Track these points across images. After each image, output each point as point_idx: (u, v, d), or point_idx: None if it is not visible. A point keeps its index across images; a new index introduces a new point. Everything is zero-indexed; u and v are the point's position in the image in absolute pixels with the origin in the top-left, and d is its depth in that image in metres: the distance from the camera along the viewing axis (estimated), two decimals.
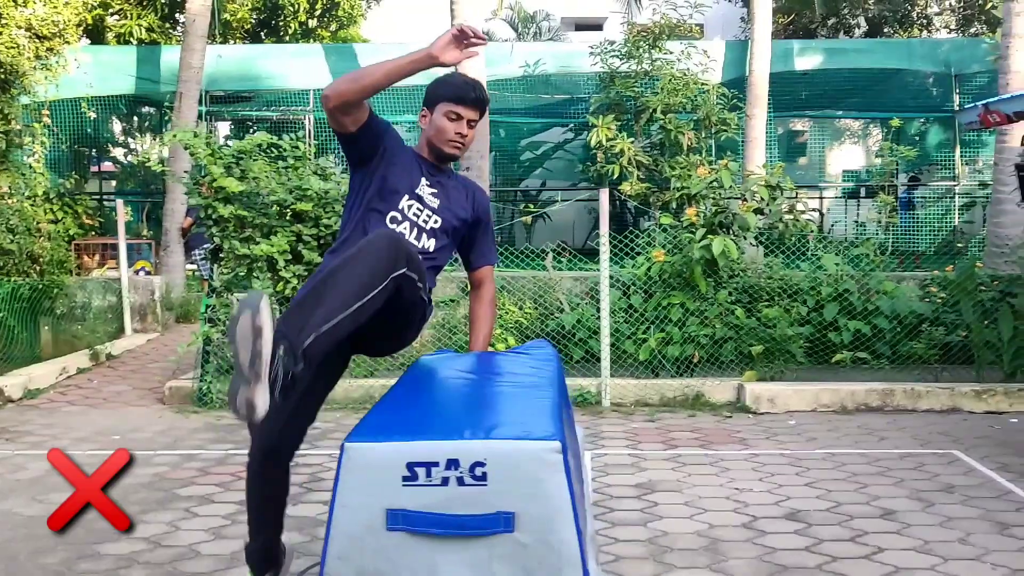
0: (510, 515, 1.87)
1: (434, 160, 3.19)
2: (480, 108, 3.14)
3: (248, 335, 2.24)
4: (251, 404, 2.25)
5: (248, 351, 2.24)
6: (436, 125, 3.11)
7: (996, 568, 4.10)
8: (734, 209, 7.45)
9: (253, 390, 2.26)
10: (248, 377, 2.25)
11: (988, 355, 7.88)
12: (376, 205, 3.04)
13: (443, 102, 3.10)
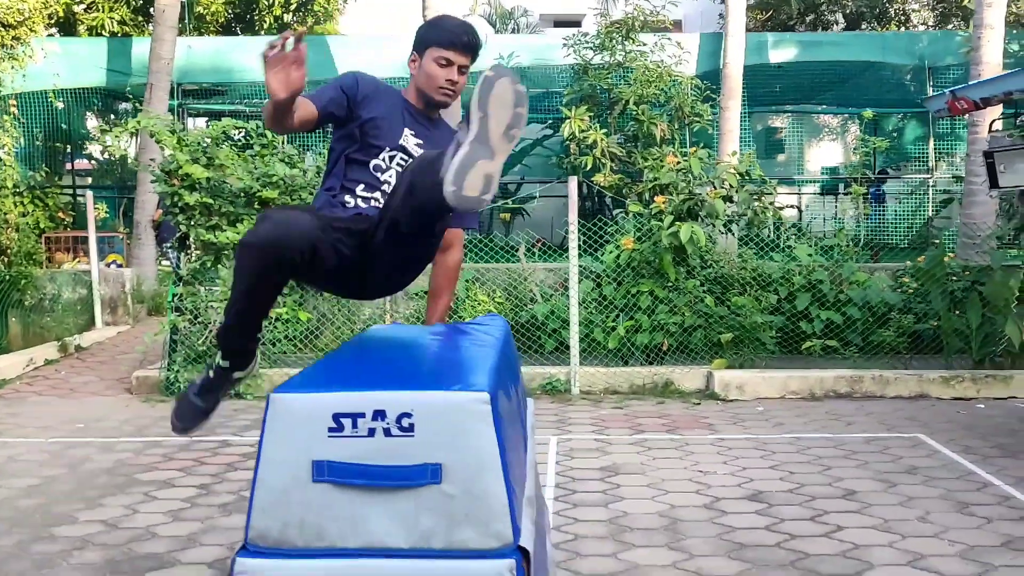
0: (437, 466, 1.84)
1: (423, 107, 2.97)
2: (472, 53, 2.93)
3: (509, 99, 2.09)
4: (490, 180, 2.11)
5: (507, 116, 2.10)
6: (426, 71, 2.91)
7: (954, 544, 4.11)
8: (703, 196, 7.44)
9: (495, 164, 2.12)
10: (495, 148, 2.11)
11: (957, 343, 7.92)
12: (357, 155, 2.87)
13: (433, 47, 2.90)
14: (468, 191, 2.13)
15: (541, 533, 2.75)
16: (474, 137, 2.14)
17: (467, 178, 2.12)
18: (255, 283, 2.36)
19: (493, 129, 2.14)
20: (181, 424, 2.74)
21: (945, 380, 7.34)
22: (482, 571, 1.86)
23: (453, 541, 1.86)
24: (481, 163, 2.13)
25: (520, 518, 1.95)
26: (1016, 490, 4.87)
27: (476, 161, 2.13)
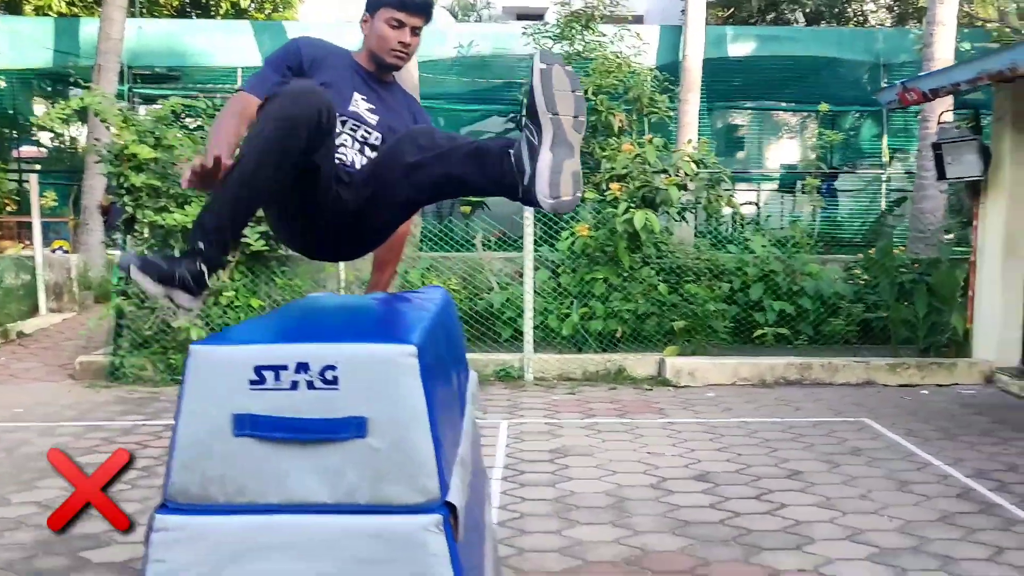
0: (362, 420, 1.81)
1: (375, 70, 2.83)
2: (425, 15, 2.81)
3: (567, 86, 2.05)
4: (578, 177, 2.05)
5: (572, 105, 2.06)
6: (377, 33, 2.77)
7: (892, 520, 4.16)
8: (658, 184, 7.46)
9: (577, 159, 2.08)
10: (572, 143, 2.08)
11: (904, 332, 8.04)
12: None
13: (384, 7, 2.77)
14: (564, 196, 2.13)
15: (479, 500, 2.73)
16: (552, 140, 2.12)
17: (561, 184, 2.11)
18: (267, 156, 2.20)
19: (567, 126, 2.11)
20: (129, 262, 2.21)
21: (891, 368, 7.44)
22: (407, 526, 1.83)
23: (378, 496, 1.83)
24: (567, 163, 2.12)
25: (449, 475, 1.92)
26: (954, 469, 4.95)
27: (562, 163, 2.12)
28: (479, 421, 6.01)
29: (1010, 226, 7.30)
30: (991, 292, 7.48)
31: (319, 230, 2.57)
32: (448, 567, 1.84)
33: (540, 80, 2.11)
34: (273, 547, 1.82)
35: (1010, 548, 3.81)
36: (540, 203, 2.15)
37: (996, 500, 4.45)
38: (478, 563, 2.30)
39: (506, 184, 2.25)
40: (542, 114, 2.11)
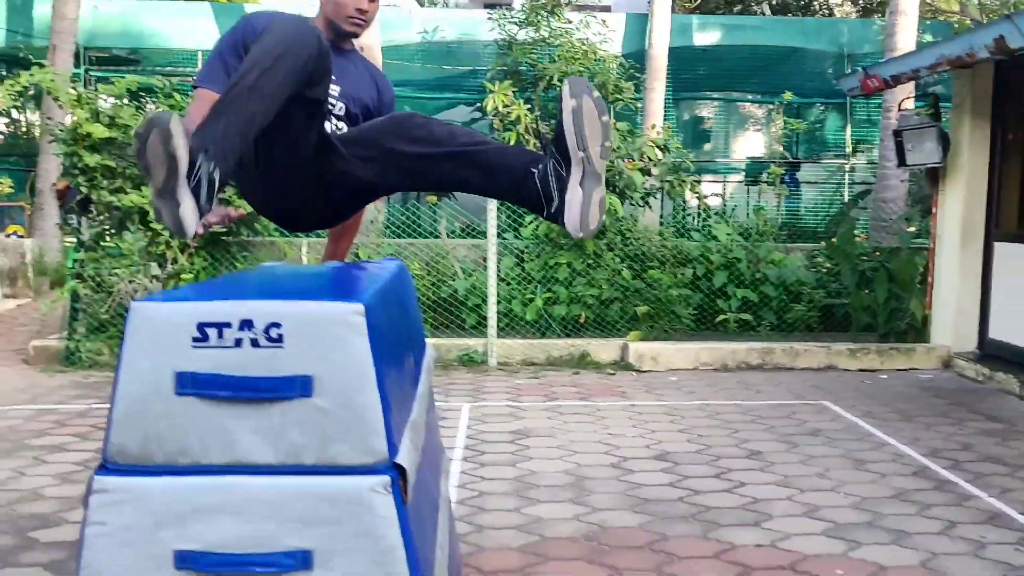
0: (308, 379, 1.77)
1: (332, 38, 2.71)
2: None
3: (596, 117, 2.09)
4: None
5: (600, 135, 2.09)
6: (334, 0, 2.69)
7: (848, 496, 4.20)
8: (621, 168, 7.46)
9: (603, 185, 2.15)
10: (600, 173, 2.13)
11: (864, 318, 8.13)
12: None
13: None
14: (592, 224, 2.17)
15: (435, 472, 2.70)
16: (582, 176, 2.14)
17: (589, 216, 2.16)
18: (277, 63, 2.12)
19: (595, 159, 2.13)
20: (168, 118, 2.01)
21: (852, 352, 7.51)
22: (354, 487, 1.79)
23: (325, 456, 1.79)
24: (594, 195, 2.15)
25: (398, 437, 1.89)
26: (910, 449, 5.00)
27: (591, 196, 2.15)
28: (441, 404, 5.98)
29: (967, 213, 7.39)
30: (949, 278, 7.57)
31: (300, 192, 2.49)
32: (396, 529, 1.81)
33: (571, 118, 2.11)
34: (216, 509, 1.78)
35: (962, 522, 3.86)
36: (568, 231, 2.20)
37: (950, 477, 4.50)
38: (431, 533, 2.27)
39: (521, 198, 2.28)
40: (572, 152, 2.12)
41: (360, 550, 1.80)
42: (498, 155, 2.32)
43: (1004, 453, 4.96)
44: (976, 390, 6.70)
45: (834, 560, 3.44)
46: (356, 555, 1.80)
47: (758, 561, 3.43)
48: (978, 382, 6.95)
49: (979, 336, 7.46)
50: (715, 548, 3.56)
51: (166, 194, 1.97)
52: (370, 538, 1.80)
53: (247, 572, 1.79)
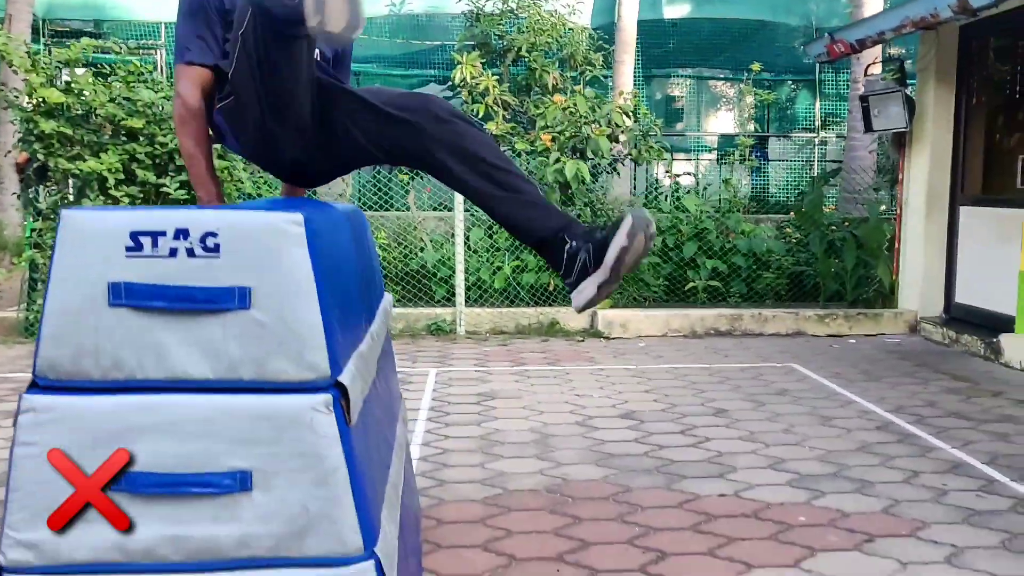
0: (245, 290, 1.71)
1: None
2: None
3: (640, 246, 2.26)
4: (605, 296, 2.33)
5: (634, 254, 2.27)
6: None
7: (813, 450, 4.19)
8: (589, 133, 7.41)
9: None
10: (620, 275, 2.30)
11: (833, 285, 8.16)
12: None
13: None
14: (589, 309, 2.34)
15: (390, 414, 2.65)
16: (604, 281, 2.31)
17: (593, 304, 2.37)
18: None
19: (620, 275, 2.32)
20: None
21: (820, 318, 7.53)
22: (295, 405, 1.74)
23: (264, 372, 1.74)
24: (604, 291, 2.34)
25: (343, 358, 1.84)
26: (876, 406, 5.02)
27: (602, 293, 2.34)
28: (407, 369, 5.93)
29: (933, 178, 7.42)
30: (915, 244, 7.60)
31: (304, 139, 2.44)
32: (338, 449, 1.76)
33: (619, 250, 2.26)
34: (151, 427, 1.72)
35: (925, 472, 3.86)
36: (571, 303, 2.41)
37: (914, 431, 4.51)
38: (382, 470, 2.21)
39: (540, 249, 2.44)
40: (607, 265, 2.28)
41: (301, 471, 1.75)
42: (536, 201, 2.42)
43: (968, 409, 4.98)
44: (942, 352, 6.74)
45: (797, 508, 3.43)
46: (297, 476, 1.75)
47: (721, 510, 3.41)
48: (944, 345, 6.99)
49: (945, 300, 7.50)
50: (678, 499, 3.54)
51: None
52: (311, 458, 1.75)
53: (183, 493, 1.73)
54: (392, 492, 2.21)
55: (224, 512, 1.74)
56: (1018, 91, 7.06)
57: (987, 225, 6.96)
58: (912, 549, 3.04)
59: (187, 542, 1.73)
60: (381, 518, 1.95)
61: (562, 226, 2.37)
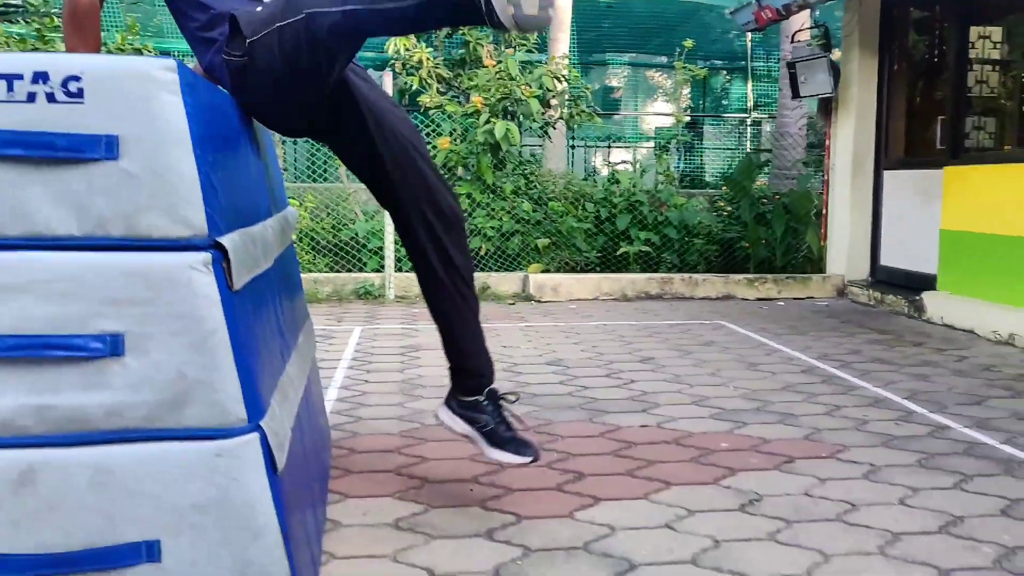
0: (113, 139, 1.59)
1: None
2: None
3: None
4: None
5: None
6: None
7: (737, 389, 4.18)
8: (519, 95, 7.34)
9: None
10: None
11: (763, 252, 8.22)
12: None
13: None
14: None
15: (291, 320, 2.54)
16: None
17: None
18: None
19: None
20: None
21: (750, 282, 7.58)
22: (170, 263, 1.63)
23: (135, 228, 1.62)
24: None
25: (223, 222, 1.72)
26: (801, 354, 5.04)
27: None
28: (331, 326, 5.79)
29: (858, 143, 7.51)
30: (842, 209, 7.69)
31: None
32: (217, 311, 1.65)
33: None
34: (11, 287, 1.59)
35: (847, 406, 3.87)
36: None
37: (838, 374, 4.53)
38: (274, 359, 2.10)
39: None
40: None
41: (177, 334, 1.64)
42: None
43: (891, 356, 5.03)
44: (868, 312, 6.82)
45: (719, 436, 3.40)
46: (173, 340, 1.64)
47: (642, 438, 3.36)
48: (870, 306, 7.08)
49: (871, 264, 7.61)
50: (600, 430, 3.48)
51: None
52: (188, 320, 1.64)
53: (47, 357, 1.61)
54: (289, 387, 2.11)
55: (93, 379, 1.62)
56: (937, 56, 7.18)
57: (909, 187, 7.06)
58: (831, 468, 3.02)
59: (51, 412, 1.61)
60: (272, 400, 1.85)
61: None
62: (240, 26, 2.19)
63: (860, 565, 2.23)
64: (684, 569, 2.21)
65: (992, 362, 4.87)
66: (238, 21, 2.20)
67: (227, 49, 2.25)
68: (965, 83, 6.58)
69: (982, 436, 3.40)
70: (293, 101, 2.33)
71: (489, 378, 2.64)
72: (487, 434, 2.57)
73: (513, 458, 2.54)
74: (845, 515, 2.57)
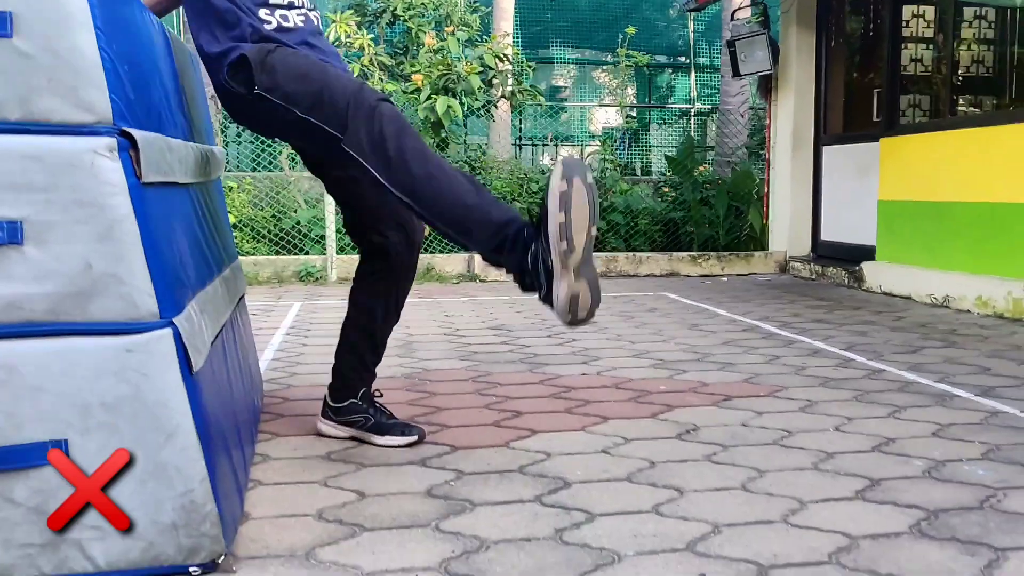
0: (4, 15, 1.53)
1: None
2: None
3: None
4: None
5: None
6: None
7: (679, 344, 4.19)
8: (460, 71, 7.30)
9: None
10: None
11: (706, 231, 8.27)
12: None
13: None
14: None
15: (213, 249, 2.47)
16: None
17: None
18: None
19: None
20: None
21: (693, 259, 7.63)
22: (72, 148, 1.56)
23: (32, 111, 1.55)
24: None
25: (131, 111, 1.65)
26: (743, 317, 5.08)
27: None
28: (270, 303, 5.68)
29: (797, 120, 7.60)
30: (783, 186, 7.77)
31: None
32: (124, 199, 1.59)
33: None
34: None
35: (786, 356, 3.90)
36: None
37: (779, 331, 4.57)
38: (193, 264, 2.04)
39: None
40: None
41: (82, 222, 1.57)
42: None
43: (830, 317, 5.08)
44: (810, 284, 6.90)
45: (659, 381, 3.40)
46: (77, 228, 1.57)
47: (581, 384, 3.35)
48: (812, 280, 7.17)
49: (812, 239, 7.70)
50: (539, 378, 3.46)
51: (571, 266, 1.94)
52: (93, 208, 1.58)
53: None
54: (210, 304, 2.04)
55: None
56: (872, 31, 7.30)
57: (848, 162, 7.17)
58: (769, 404, 3.03)
59: None
60: (189, 307, 1.78)
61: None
62: (252, 69, 2.14)
63: (793, 478, 2.23)
64: (619, 485, 2.19)
65: (928, 320, 4.95)
66: (250, 63, 2.15)
67: (229, 76, 2.21)
68: (899, 57, 6.70)
69: (916, 376, 3.45)
70: (277, 136, 2.47)
71: (366, 384, 2.63)
72: (371, 428, 2.54)
73: (400, 440, 2.51)
74: (781, 440, 2.58)
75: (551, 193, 1.91)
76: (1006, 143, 5.24)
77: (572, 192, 1.88)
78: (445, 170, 2.09)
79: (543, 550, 1.79)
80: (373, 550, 1.79)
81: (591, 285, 2.01)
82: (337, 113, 2.09)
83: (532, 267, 1.99)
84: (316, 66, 2.20)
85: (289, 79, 2.14)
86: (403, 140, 2.06)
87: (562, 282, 1.95)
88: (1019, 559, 1.74)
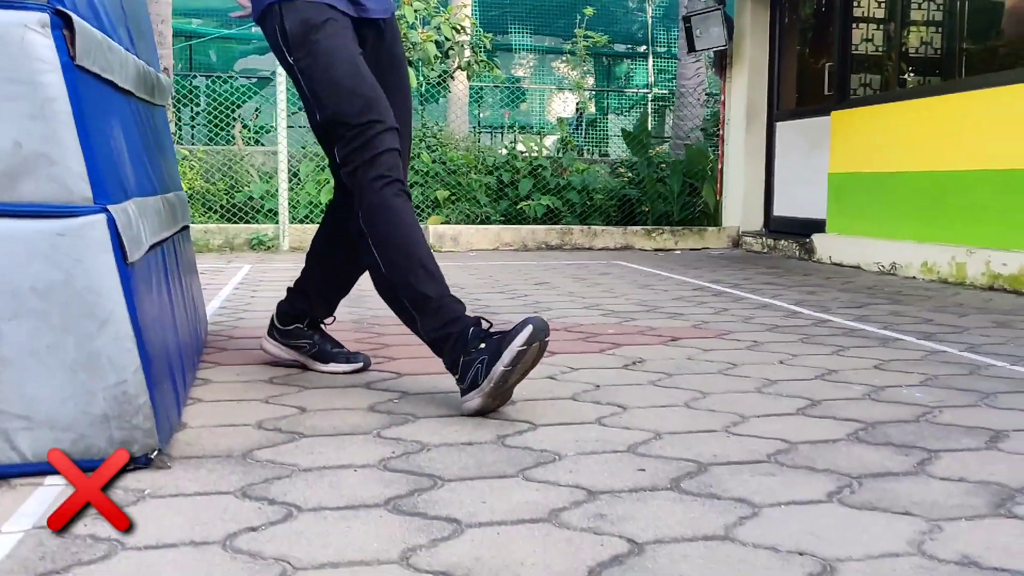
0: None
1: None
2: None
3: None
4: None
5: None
6: None
7: (629, 300, 4.21)
8: (415, 39, 7.26)
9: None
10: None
11: (660, 207, 8.32)
12: None
13: None
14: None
15: (160, 172, 2.42)
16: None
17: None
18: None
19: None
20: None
21: (648, 233, 7.68)
22: (2, 22, 1.52)
23: None
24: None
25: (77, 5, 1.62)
26: (694, 279, 5.12)
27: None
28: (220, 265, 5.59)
29: (751, 97, 7.68)
30: (737, 163, 7.85)
31: None
32: (56, 77, 1.55)
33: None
34: None
35: (735, 309, 3.94)
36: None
37: (729, 291, 4.61)
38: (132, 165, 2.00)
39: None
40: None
41: (12, 99, 1.53)
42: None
43: (779, 280, 5.15)
44: (761, 256, 6.98)
45: (608, 326, 3.41)
46: (7, 105, 1.53)
47: None
48: (764, 253, 7.25)
49: (765, 215, 7.78)
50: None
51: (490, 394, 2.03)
52: (23, 85, 1.53)
53: None
54: (150, 211, 1.99)
55: None
56: (823, 7, 7.40)
57: (800, 137, 7.26)
58: (716, 343, 3.06)
59: None
60: (127, 204, 1.74)
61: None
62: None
63: (736, 399, 2.25)
64: (563, 403, 2.20)
65: (875, 284, 5.03)
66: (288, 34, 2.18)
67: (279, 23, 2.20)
68: (850, 33, 6.79)
69: (862, 325, 3.50)
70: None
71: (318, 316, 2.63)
72: (315, 355, 2.53)
73: (345, 366, 2.51)
74: (726, 371, 2.60)
75: (510, 349, 2.00)
76: (948, 113, 5.34)
77: (527, 353, 2.00)
78: (414, 260, 2.34)
79: (484, 452, 1.79)
80: (311, 451, 1.77)
81: (501, 400, 2.09)
82: (343, 137, 2.20)
83: (464, 371, 2.07)
84: (347, 77, 2.18)
85: (320, 80, 2.18)
86: (386, 215, 2.31)
87: (482, 398, 2.04)
88: (951, 458, 1.77)
